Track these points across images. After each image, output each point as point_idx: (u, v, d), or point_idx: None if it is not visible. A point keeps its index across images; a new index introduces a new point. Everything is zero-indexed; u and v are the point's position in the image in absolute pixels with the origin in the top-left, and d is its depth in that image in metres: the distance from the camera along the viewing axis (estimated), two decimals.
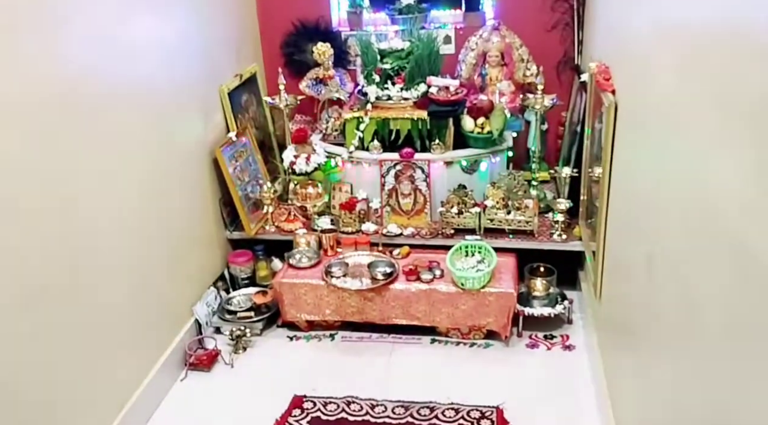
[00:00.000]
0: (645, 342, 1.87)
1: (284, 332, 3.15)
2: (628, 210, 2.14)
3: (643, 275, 1.89)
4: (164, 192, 2.80)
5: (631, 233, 2.08)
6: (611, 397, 2.32)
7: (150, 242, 2.67)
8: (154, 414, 2.63)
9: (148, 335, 2.68)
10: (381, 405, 2.61)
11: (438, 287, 2.94)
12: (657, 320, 1.72)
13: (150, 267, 2.68)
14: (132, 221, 2.54)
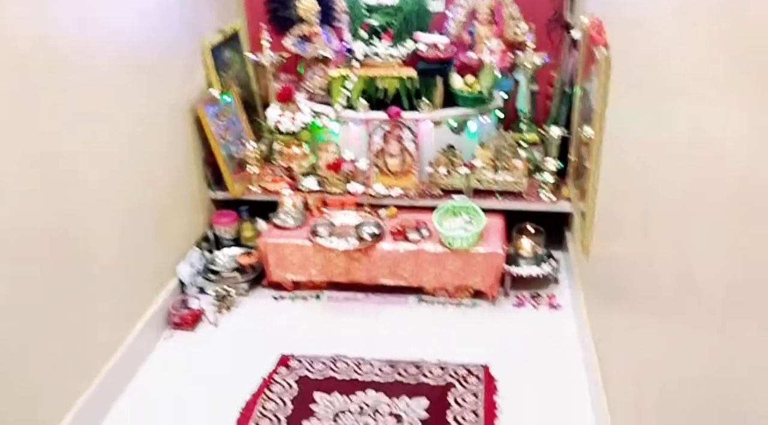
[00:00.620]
0: (635, 300, 1.87)
1: (269, 292, 3.12)
2: (620, 168, 2.11)
3: (635, 234, 1.88)
4: (146, 150, 2.72)
5: (623, 191, 2.06)
6: (598, 355, 2.33)
7: (131, 200, 2.61)
8: (137, 373, 2.60)
9: (131, 294, 2.63)
10: (368, 364, 2.60)
11: (425, 248, 2.92)
12: (649, 278, 1.72)
13: (132, 226, 2.62)
14: (112, 179, 2.47)
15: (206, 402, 2.44)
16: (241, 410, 2.39)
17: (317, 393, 2.45)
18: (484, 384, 2.46)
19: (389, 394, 2.43)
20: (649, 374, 1.68)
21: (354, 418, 2.33)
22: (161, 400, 2.47)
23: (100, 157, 2.38)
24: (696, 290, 1.33)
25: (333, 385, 2.49)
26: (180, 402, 2.45)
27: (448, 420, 2.30)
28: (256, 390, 2.48)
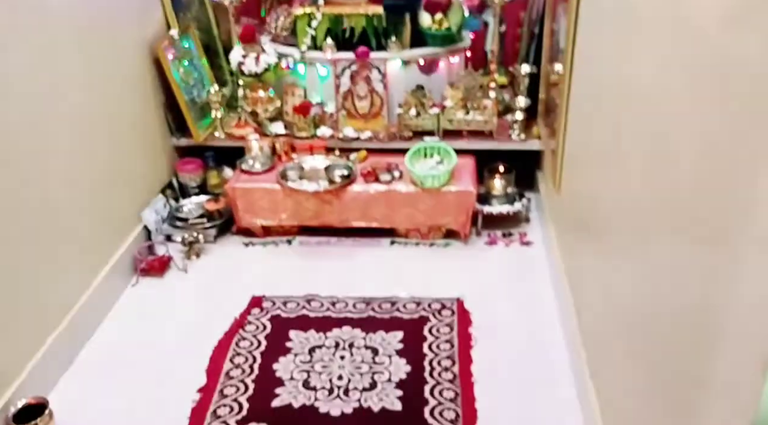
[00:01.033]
0: (604, 233, 1.89)
1: (239, 239, 3.06)
2: (590, 104, 2.12)
3: (604, 169, 1.89)
4: (104, 93, 2.61)
5: (592, 127, 2.08)
6: (570, 284, 2.35)
7: (90, 144, 2.51)
8: (105, 319, 2.53)
9: (94, 239, 2.54)
10: (342, 302, 2.58)
11: (397, 188, 2.89)
12: (617, 212, 1.73)
13: (92, 171, 2.52)
14: (70, 122, 2.37)
15: (177, 344, 2.39)
16: (214, 349, 2.34)
17: (292, 331, 2.42)
18: (458, 317, 2.47)
19: (365, 329, 2.42)
20: (618, 300, 1.70)
21: (330, 353, 2.31)
22: (131, 344, 2.40)
23: (56, 100, 2.28)
24: (661, 223, 1.34)
25: (307, 323, 2.47)
26: (150, 345, 2.39)
27: (424, 351, 2.30)
28: (228, 330, 2.44)
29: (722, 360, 1.02)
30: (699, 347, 1.10)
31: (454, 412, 2.04)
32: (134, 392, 2.17)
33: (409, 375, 2.20)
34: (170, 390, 2.17)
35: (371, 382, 2.17)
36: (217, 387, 2.17)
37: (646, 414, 1.41)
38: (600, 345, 1.89)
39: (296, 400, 2.11)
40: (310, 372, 2.23)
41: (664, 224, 1.33)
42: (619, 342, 1.67)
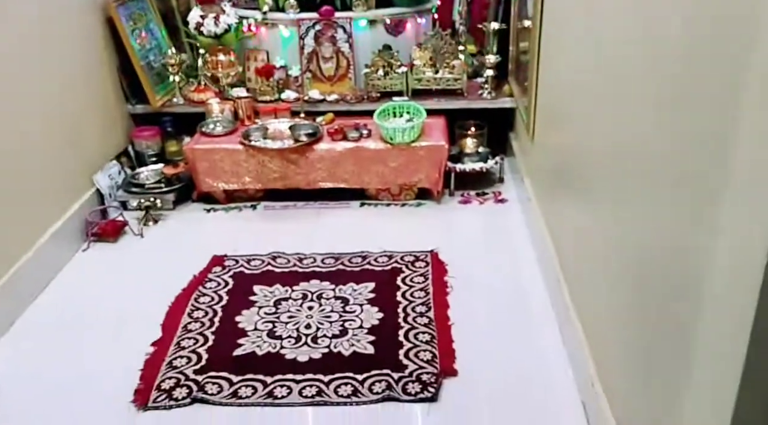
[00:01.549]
0: (577, 179, 1.83)
1: (200, 206, 2.89)
2: (559, 57, 2.09)
3: (574, 120, 1.86)
4: (54, 52, 2.50)
5: (562, 81, 2.05)
6: (549, 229, 2.24)
7: (39, 103, 2.38)
8: (51, 281, 2.33)
9: (41, 198, 2.36)
10: (309, 258, 2.42)
11: (365, 145, 2.76)
12: (589, 160, 1.69)
13: (41, 131, 2.39)
14: (18, 79, 2.25)
15: (130, 306, 2.18)
16: (171, 305, 2.16)
17: (256, 286, 2.26)
18: (433, 267, 2.33)
19: (334, 282, 2.27)
20: (596, 242, 1.63)
21: (297, 304, 2.15)
22: (78, 307, 2.20)
23: (5, 55, 2.16)
24: (629, 169, 1.35)
25: (273, 278, 2.31)
26: (100, 307, 2.19)
27: (397, 299, 2.16)
28: (186, 286, 2.26)
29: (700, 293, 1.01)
30: (679, 281, 1.09)
31: (430, 353, 1.89)
32: (81, 353, 1.97)
33: (382, 322, 2.05)
34: (121, 348, 1.97)
35: (341, 329, 2.01)
36: (174, 340, 1.99)
37: (633, 340, 1.33)
38: (583, 282, 1.78)
39: (260, 349, 1.94)
40: (276, 322, 2.06)
41: (632, 171, 1.33)
42: (602, 277, 1.57)
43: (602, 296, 1.57)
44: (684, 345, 1.04)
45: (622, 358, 1.41)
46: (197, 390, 1.78)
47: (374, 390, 1.76)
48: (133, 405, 1.74)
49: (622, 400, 1.41)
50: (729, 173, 0.89)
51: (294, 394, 1.76)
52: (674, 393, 1.10)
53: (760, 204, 0.80)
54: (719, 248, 0.92)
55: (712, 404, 0.95)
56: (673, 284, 1.11)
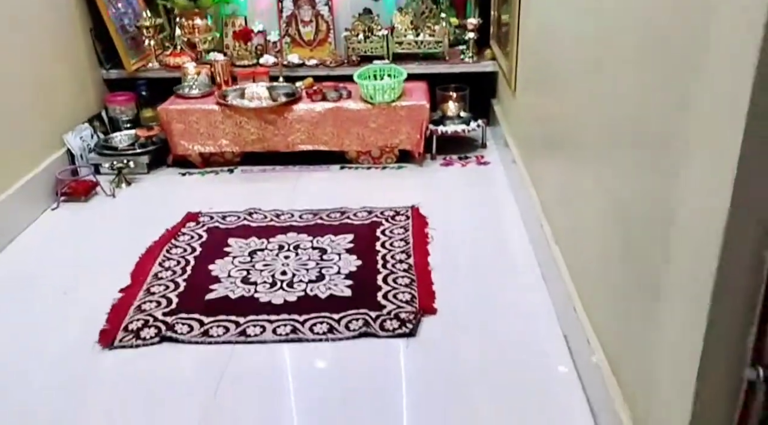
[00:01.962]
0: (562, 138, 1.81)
1: (176, 170, 2.81)
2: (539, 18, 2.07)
3: (553, 80, 1.86)
4: (22, 13, 2.42)
5: (543, 41, 2.03)
6: (532, 179, 2.20)
7: (8, 59, 2.31)
8: (20, 235, 2.25)
9: (10, 150, 2.28)
10: (287, 214, 2.36)
11: (346, 105, 2.71)
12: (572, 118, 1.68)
13: (12, 86, 2.32)
14: None
15: (98, 260, 2.10)
16: (141, 255, 2.08)
17: (231, 239, 2.19)
18: (414, 220, 2.28)
19: (311, 234, 2.20)
20: (575, 192, 1.62)
21: (273, 254, 2.08)
22: (44, 261, 2.12)
23: None
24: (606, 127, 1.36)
25: (248, 231, 2.24)
26: (67, 261, 2.11)
27: (377, 248, 2.10)
28: (158, 239, 2.18)
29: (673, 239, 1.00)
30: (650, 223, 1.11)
31: (409, 294, 1.83)
32: (45, 302, 1.88)
33: (360, 268, 1.99)
34: (88, 296, 1.89)
35: (318, 275, 1.95)
36: (143, 287, 1.91)
37: (613, 274, 1.31)
38: (566, 228, 1.74)
39: (233, 293, 1.87)
40: (250, 270, 1.99)
41: (608, 129, 1.36)
42: (584, 221, 1.54)
43: (585, 237, 1.54)
44: (656, 273, 1.04)
45: (602, 290, 1.38)
46: (166, 329, 1.70)
47: (351, 327, 1.70)
48: (98, 345, 1.66)
49: (603, 328, 1.37)
50: (690, 133, 0.92)
51: (267, 332, 1.69)
52: (650, 315, 1.06)
53: (717, 162, 0.82)
54: (684, 195, 0.95)
55: (682, 323, 0.93)
56: (645, 226, 1.12)
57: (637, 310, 1.15)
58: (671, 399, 0.95)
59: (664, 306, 1.00)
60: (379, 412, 1.43)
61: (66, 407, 1.47)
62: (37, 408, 1.47)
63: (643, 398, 1.11)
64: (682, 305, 0.93)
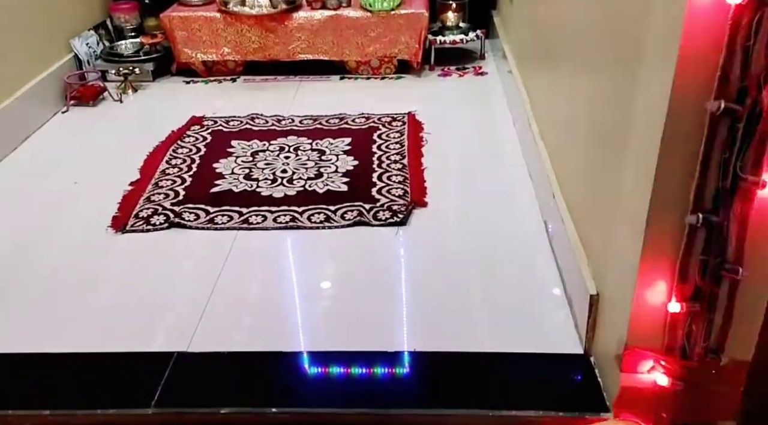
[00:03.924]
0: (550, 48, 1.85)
1: (180, 78, 2.88)
2: None
3: None
4: None
5: None
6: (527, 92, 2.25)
7: None
8: (32, 135, 2.36)
9: (19, 53, 2.36)
10: (288, 119, 2.45)
11: (345, 13, 2.74)
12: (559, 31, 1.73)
13: None
14: None
15: (108, 157, 2.22)
16: (149, 154, 2.19)
17: (234, 141, 2.29)
18: (409, 125, 2.36)
19: (311, 138, 2.30)
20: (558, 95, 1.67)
21: (274, 155, 2.19)
22: (56, 157, 2.23)
23: None
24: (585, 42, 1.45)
25: (251, 135, 2.33)
26: (79, 157, 2.22)
27: (373, 150, 2.19)
28: (165, 140, 2.29)
29: None
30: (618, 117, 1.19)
31: (402, 190, 1.94)
32: (58, 192, 2.00)
33: (356, 167, 2.09)
34: (99, 188, 2.01)
35: (317, 173, 2.06)
36: (152, 181, 2.03)
37: (586, 162, 1.42)
38: (550, 126, 1.83)
39: (237, 188, 1.99)
40: (253, 168, 2.10)
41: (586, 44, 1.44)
42: (565, 120, 1.63)
43: (564, 131, 1.63)
44: (622, 155, 1.13)
45: (577, 175, 1.49)
46: (174, 217, 1.83)
47: (346, 217, 1.82)
48: (111, 229, 1.80)
49: (575, 206, 1.48)
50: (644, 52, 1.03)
51: (269, 221, 1.82)
52: (612, 188, 1.18)
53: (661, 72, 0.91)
54: (639, 97, 1.04)
55: (635, 181, 1.04)
56: (613, 121, 1.20)
57: (603, 186, 1.26)
58: (625, 246, 1.07)
59: (624, 173, 1.11)
60: (371, 287, 1.57)
61: (82, 281, 1.61)
62: (56, 282, 1.61)
63: (603, 256, 1.24)
64: (636, 165, 1.03)
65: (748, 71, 0.79)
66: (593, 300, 1.25)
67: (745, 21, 0.77)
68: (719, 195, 0.88)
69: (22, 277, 1.63)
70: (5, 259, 1.70)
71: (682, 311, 0.98)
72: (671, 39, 0.85)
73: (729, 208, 0.87)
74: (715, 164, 0.87)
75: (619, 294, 1.12)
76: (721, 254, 0.91)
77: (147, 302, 1.53)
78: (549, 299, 1.50)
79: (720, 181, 0.87)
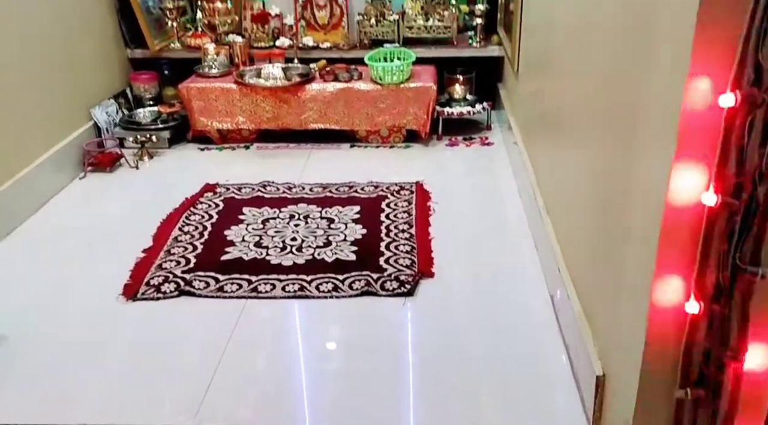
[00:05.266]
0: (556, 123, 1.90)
1: (195, 145, 2.97)
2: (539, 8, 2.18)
3: (549, 67, 1.98)
4: None
5: (541, 30, 2.15)
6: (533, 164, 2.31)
7: (39, 35, 2.47)
8: (50, 201, 2.42)
9: (42, 121, 2.46)
10: (298, 186, 2.50)
11: (356, 86, 2.84)
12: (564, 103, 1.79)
13: (43, 63, 2.49)
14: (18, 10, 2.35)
15: (122, 224, 2.26)
16: (162, 221, 2.24)
17: (246, 208, 2.34)
18: (417, 195, 2.41)
19: (321, 205, 2.34)
20: (564, 168, 1.74)
21: (284, 222, 2.23)
22: (73, 224, 2.28)
23: None
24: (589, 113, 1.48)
25: (262, 202, 2.38)
26: (94, 225, 2.27)
27: (381, 219, 2.24)
28: (178, 207, 2.34)
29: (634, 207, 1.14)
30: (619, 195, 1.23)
31: (409, 260, 1.97)
32: (73, 259, 2.05)
33: (365, 236, 2.13)
34: (112, 255, 2.05)
35: (325, 241, 2.09)
36: (164, 248, 2.07)
37: (592, 237, 1.44)
38: (556, 199, 1.86)
39: (246, 255, 2.02)
40: (263, 236, 2.14)
41: (590, 116, 1.48)
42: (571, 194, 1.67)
43: (569, 207, 1.67)
44: (625, 234, 1.16)
45: (582, 251, 1.51)
46: (184, 285, 1.86)
47: (354, 287, 1.84)
48: (122, 297, 1.82)
49: (584, 285, 1.50)
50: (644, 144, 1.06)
51: (277, 290, 1.84)
52: (620, 269, 1.20)
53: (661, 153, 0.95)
54: (640, 173, 1.08)
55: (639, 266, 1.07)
56: (616, 200, 1.24)
57: (607, 262, 1.28)
58: (630, 325, 1.09)
59: (627, 251, 1.13)
60: (378, 361, 1.57)
61: (91, 350, 1.62)
62: (65, 350, 1.62)
63: (609, 333, 1.25)
64: (639, 247, 1.06)
65: (743, 168, 0.83)
66: (599, 381, 1.25)
67: (739, 122, 0.82)
68: (720, 285, 0.90)
69: (32, 344, 1.65)
70: (17, 325, 1.72)
71: (688, 398, 0.98)
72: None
73: (729, 298, 0.89)
74: (715, 255, 0.90)
75: (625, 375, 1.12)
76: (723, 342, 0.92)
77: (155, 373, 1.54)
78: (556, 377, 1.50)
79: (720, 271, 0.90)
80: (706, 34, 0.82)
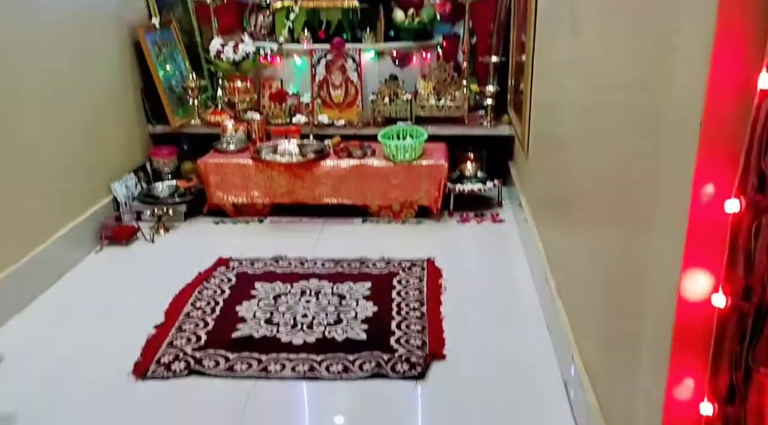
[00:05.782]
0: (568, 204, 1.94)
1: (210, 218, 3.02)
2: (547, 87, 2.28)
3: (558, 145, 2.05)
4: (83, 65, 2.72)
5: (551, 109, 2.22)
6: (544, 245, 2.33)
7: (66, 110, 2.59)
8: (65, 275, 2.45)
9: (63, 196, 2.53)
10: (310, 262, 2.53)
11: (369, 163, 2.91)
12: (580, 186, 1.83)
13: (67, 138, 2.59)
14: (47, 83, 2.46)
15: (137, 298, 2.29)
16: (175, 296, 2.25)
17: (258, 283, 2.35)
18: (428, 272, 2.42)
19: (332, 281, 2.36)
20: (576, 254, 1.77)
21: (295, 298, 2.24)
22: (88, 298, 2.31)
23: (38, 62, 2.40)
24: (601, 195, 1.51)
25: (274, 277, 2.40)
26: (109, 298, 2.30)
27: (392, 296, 2.24)
28: (191, 281, 2.36)
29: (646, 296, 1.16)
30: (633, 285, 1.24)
31: (420, 340, 1.96)
32: (86, 334, 2.06)
33: (376, 314, 2.12)
34: (124, 331, 2.06)
35: (336, 319, 2.09)
36: (176, 325, 2.08)
37: (606, 328, 1.44)
38: (568, 285, 1.87)
39: (257, 333, 2.02)
40: (274, 312, 2.15)
41: (602, 198, 1.50)
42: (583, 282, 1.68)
43: (580, 293, 1.67)
44: (638, 329, 1.17)
45: (596, 340, 1.50)
46: (194, 363, 1.85)
47: (364, 368, 1.82)
48: (132, 375, 1.82)
49: (598, 375, 1.48)
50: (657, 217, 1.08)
51: (287, 370, 1.83)
52: (633, 364, 1.19)
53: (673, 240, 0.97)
54: (653, 263, 1.10)
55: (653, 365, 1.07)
56: (630, 288, 1.25)
57: (620, 356, 1.27)
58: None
59: (641, 345, 1.13)
60: None
61: None
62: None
63: None
64: (651, 346, 1.05)
65: (751, 271, 0.84)
66: None
67: (745, 227, 0.83)
68: (733, 386, 0.89)
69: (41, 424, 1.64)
70: (26, 404, 1.71)
71: None
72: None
73: (744, 399, 0.88)
74: (727, 356, 0.89)
75: None
76: None
77: None
78: None
79: (733, 372, 0.89)
80: (710, 142, 0.85)
